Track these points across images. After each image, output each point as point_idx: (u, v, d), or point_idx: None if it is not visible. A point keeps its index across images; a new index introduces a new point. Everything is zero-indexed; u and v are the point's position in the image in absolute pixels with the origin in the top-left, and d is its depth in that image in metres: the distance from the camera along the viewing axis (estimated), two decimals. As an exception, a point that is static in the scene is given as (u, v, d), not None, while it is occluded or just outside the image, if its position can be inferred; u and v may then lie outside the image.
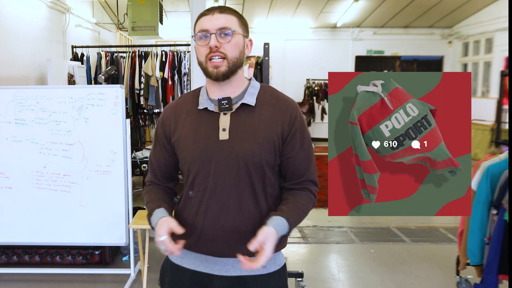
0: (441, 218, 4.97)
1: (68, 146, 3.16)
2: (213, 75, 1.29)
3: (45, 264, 3.50)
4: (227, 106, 1.31)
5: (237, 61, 1.31)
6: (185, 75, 5.14)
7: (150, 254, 3.27)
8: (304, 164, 1.36)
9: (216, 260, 1.34)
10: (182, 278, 1.39)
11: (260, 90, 1.37)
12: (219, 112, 1.32)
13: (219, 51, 1.27)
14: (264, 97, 1.35)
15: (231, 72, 1.30)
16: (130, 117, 5.21)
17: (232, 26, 1.29)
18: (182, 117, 1.37)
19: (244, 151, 1.28)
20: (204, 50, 1.29)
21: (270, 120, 1.31)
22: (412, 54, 10.75)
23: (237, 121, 1.31)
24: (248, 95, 1.34)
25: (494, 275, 2.65)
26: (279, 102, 1.35)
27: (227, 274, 1.33)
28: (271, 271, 1.36)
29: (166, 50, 5.19)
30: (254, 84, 1.39)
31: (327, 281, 3.38)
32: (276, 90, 1.41)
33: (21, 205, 3.23)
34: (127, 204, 3.21)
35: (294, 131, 1.33)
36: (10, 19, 4.71)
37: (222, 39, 1.27)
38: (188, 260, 1.38)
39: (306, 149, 1.36)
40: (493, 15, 8.70)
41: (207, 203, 1.31)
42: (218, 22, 1.28)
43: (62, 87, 3.88)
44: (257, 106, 1.33)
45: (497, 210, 2.67)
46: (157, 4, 5.47)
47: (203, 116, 1.34)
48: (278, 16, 9.83)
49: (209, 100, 1.35)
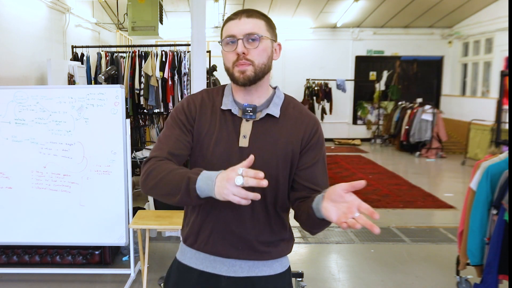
0: (441, 218, 4.98)
1: (68, 146, 3.16)
2: (240, 81, 1.26)
3: (45, 264, 3.50)
4: (252, 114, 1.30)
5: (265, 67, 1.29)
6: (185, 75, 5.14)
7: (150, 254, 3.28)
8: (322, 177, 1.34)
9: (224, 261, 1.33)
10: (189, 278, 1.38)
11: (284, 101, 1.36)
12: (242, 117, 1.31)
13: (246, 58, 1.25)
14: (287, 109, 1.34)
15: (257, 78, 1.28)
16: (130, 117, 5.22)
17: (260, 31, 1.26)
18: (208, 112, 1.33)
19: (262, 161, 1.24)
20: (232, 56, 1.26)
21: (291, 133, 1.31)
22: (412, 54, 10.75)
23: (258, 130, 1.29)
24: (273, 106, 1.32)
25: (494, 275, 2.65)
26: (302, 116, 1.34)
27: (235, 275, 1.33)
28: (278, 272, 1.36)
29: (166, 50, 5.20)
30: (279, 94, 1.37)
31: (327, 281, 3.38)
32: (298, 103, 1.39)
33: (21, 205, 3.23)
34: (127, 204, 3.21)
35: (313, 144, 1.32)
36: (10, 19, 4.71)
37: (250, 44, 1.25)
38: (197, 261, 1.37)
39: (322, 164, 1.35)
40: (493, 15, 8.70)
41: (220, 208, 1.29)
42: (246, 27, 1.25)
43: (62, 87, 3.88)
44: (281, 118, 1.32)
45: (497, 210, 2.67)
46: (157, 4, 5.47)
47: (226, 117, 1.32)
48: (278, 16, 9.82)
49: (233, 102, 1.33)
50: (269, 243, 1.34)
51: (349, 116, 11.11)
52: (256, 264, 1.33)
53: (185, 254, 1.40)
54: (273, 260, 1.36)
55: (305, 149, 1.31)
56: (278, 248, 1.36)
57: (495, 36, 8.70)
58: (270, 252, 1.34)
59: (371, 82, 10.91)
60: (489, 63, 9.02)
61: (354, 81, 10.88)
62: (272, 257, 1.35)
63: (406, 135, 9.11)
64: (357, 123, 11.17)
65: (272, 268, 1.35)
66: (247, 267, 1.33)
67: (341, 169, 7.54)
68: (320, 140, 1.34)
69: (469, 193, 2.96)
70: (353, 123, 11.14)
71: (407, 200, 5.60)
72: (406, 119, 9.19)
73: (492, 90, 8.73)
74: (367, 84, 10.93)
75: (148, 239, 3.24)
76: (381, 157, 9.07)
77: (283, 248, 1.38)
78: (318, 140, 1.33)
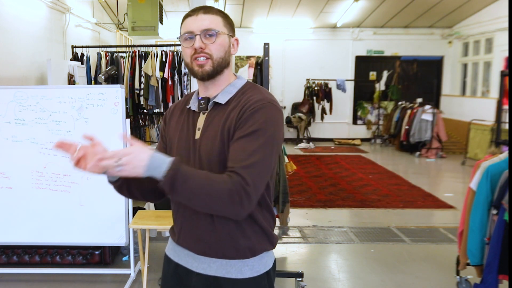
0: (441, 218, 4.98)
1: (68, 146, 3.15)
2: (198, 75, 1.31)
3: (45, 264, 3.50)
4: (203, 105, 1.34)
5: (222, 61, 1.31)
6: (185, 75, 5.14)
7: (150, 254, 3.28)
8: (240, 154, 1.19)
9: (195, 256, 1.35)
10: (169, 269, 1.44)
11: (239, 89, 1.34)
12: (199, 111, 1.35)
13: (204, 52, 1.28)
14: (238, 95, 1.32)
15: (216, 72, 1.31)
16: (130, 117, 5.21)
17: (217, 27, 1.30)
18: (177, 115, 1.42)
19: (206, 149, 1.28)
20: (189, 51, 1.30)
21: (233, 115, 1.27)
22: (412, 54, 10.75)
23: (208, 120, 1.32)
24: (222, 94, 1.33)
25: (494, 275, 2.65)
26: (247, 98, 1.28)
27: (204, 273, 1.34)
28: (246, 277, 1.31)
29: (166, 50, 5.20)
30: (236, 82, 1.36)
31: (327, 281, 3.38)
32: (255, 89, 1.33)
33: (21, 205, 3.23)
34: (127, 204, 3.21)
35: (241, 121, 1.24)
36: (10, 19, 4.71)
37: (207, 39, 1.29)
38: (174, 253, 1.42)
39: (248, 140, 1.21)
40: (493, 15, 8.70)
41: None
42: (203, 23, 1.28)
43: (62, 87, 3.88)
44: (228, 104, 1.31)
45: (497, 210, 2.67)
46: (157, 4, 5.46)
47: (189, 115, 1.38)
48: (278, 16, 9.83)
49: (196, 99, 1.39)
50: (234, 236, 1.29)
51: (349, 116, 11.10)
52: (224, 265, 1.31)
53: (168, 245, 1.47)
54: (242, 262, 1.31)
55: (236, 126, 1.24)
56: (247, 245, 1.30)
57: (495, 36, 8.70)
58: (237, 248, 1.29)
59: (371, 82, 10.91)
60: (489, 63, 9.02)
61: (354, 81, 10.88)
62: (240, 255, 1.30)
63: (406, 135, 9.11)
64: (357, 123, 11.16)
65: (240, 271, 1.31)
66: (215, 267, 1.32)
67: (341, 169, 7.54)
68: (254, 116, 1.22)
69: (469, 193, 2.96)
70: (353, 123, 11.14)
71: (407, 200, 5.60)
72: (406, 119, 9.19)
73: (492, 90, 8.73)
74: (367, 84, 10.93)
75: (148, 239, 3.24)
76: (381, 157, 9.07)
77: (255, 245, 1.31)
78: (252, 115, 1.22)
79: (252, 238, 1.31)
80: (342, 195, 5.81)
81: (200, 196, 1.15)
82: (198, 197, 1.15)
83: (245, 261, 1.32)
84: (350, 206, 5.33)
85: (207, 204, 1.17)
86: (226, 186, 1.15)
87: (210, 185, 1.15)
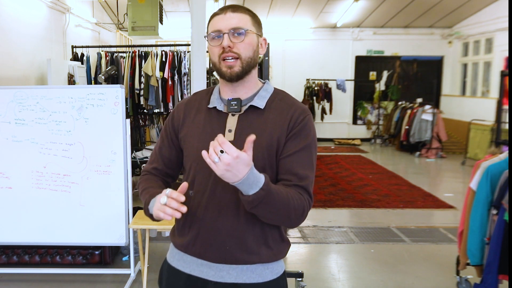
0: (441, 218, 4.98)
1: (68, 146, 3.16)
2: (227, 76, 1.27)
3: (45, 264, 3.50)
4: (236, 107, 1.29)
5: (251, 61, 1.29)
6: (185, 75, 5.14)
7: (150, 254, 3.28)
8: (301, 169, 1.25)
9: (211, 265, 1.30)
10: (178, 281, 1.37)
11: (272, 94, 1.34)
12: (228, 112, 1.31)
13: (232, 51, 1.25)
14: (274, 101, 1.32)
15: (245, 72, 1.28)
16: (130, 117, 5.22)
17: (245, 26, 1.27)
18: (192, 114, 1.36)
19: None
20: (217, 50, 1.27)
21: (276, 122, 1.28)
22: (412, 54, 10.75)
23: (244, 123, 1.28)
24: (258, 98, 1.31)
25: (494, 275, 2.65)
26: (289, 106, 1.31)
27: (222, 281, 1.30)
28: (267, 280, 1.31)
29: (166, 50, 5.20)
30: (267, 87, 1.36)
31: (327, 281, 3.38)
32: (288, 96, 1.36)
33: (21, 205, 3.23)
34: (127, 204, 3.21)
35: (297, 131, 1.27)
36: (10, 19, 4.71)
37: (235, 38, 1.26)
38: (184, 263, 1.36)
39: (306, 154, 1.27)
40: (493, 15, 8.70)
41: (206, 206, 1.28)
42: (231, 21, 1.26)
43: (62, 87, 3.88)
44: (266, 110, 1.30)
45: (497, 210, 2.67)
46: (157, 4, 5.47)
47: (212, 115, 1.33)
48: (278, 16, 9.83)
49: (219, 99, 1.34)
50: (258, 242, 1.29)
51: (349, 116, 11.11)
52: (245, 270, 1.29)
53: (173, 256, 1.40)
54: (263, 266, 1.31)
55: (288, 137, 1.27)
56: (269, 251, 1.31)
57: (495, 36, 8.70)
58: (260, 253, 1.29)
59: (371, 82, 10.91)
60: (489, 63, 9.02)
61: (354, 81, 10.88)
62: (262, 260, 1.30)
63: (406, 135, 9.11)
64: (357, 123, 11.17)
65: (261, 275, 1.30)
66: (235, 273, 1.29)
67: (341, 169, 7.54)
68: (305, 129, 1.28)
69: (469, 193, 2.96)
70: (353, 123, 11.14)
71: (407, 200, 5.60)
72: (406, 119, 9.19)
73: (492, 90, 8.73)
74: (367, 84, 10.93)
75: (148, 239, 3.24)
76: (381, 157, 9.07)
77: (275, 251, 1.32)
78: (303, 128, 1.28)
79: (274, 241, 1.32)
80: (342, 195, 5.81)
81: (277, 213, 1.19)
82: (275, 214, 1.19)
83: (266, 264, 1.31)
84: (350, 206, 5.34)
85: (280, 219, 1.22)
86: (301, 203, 1.21)
87: (287, 205, 1.18)
